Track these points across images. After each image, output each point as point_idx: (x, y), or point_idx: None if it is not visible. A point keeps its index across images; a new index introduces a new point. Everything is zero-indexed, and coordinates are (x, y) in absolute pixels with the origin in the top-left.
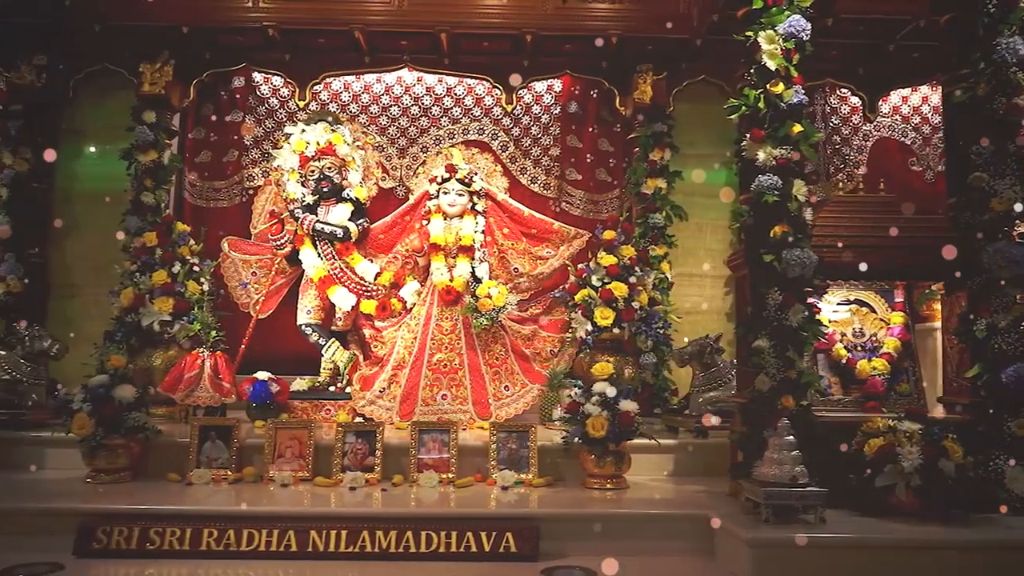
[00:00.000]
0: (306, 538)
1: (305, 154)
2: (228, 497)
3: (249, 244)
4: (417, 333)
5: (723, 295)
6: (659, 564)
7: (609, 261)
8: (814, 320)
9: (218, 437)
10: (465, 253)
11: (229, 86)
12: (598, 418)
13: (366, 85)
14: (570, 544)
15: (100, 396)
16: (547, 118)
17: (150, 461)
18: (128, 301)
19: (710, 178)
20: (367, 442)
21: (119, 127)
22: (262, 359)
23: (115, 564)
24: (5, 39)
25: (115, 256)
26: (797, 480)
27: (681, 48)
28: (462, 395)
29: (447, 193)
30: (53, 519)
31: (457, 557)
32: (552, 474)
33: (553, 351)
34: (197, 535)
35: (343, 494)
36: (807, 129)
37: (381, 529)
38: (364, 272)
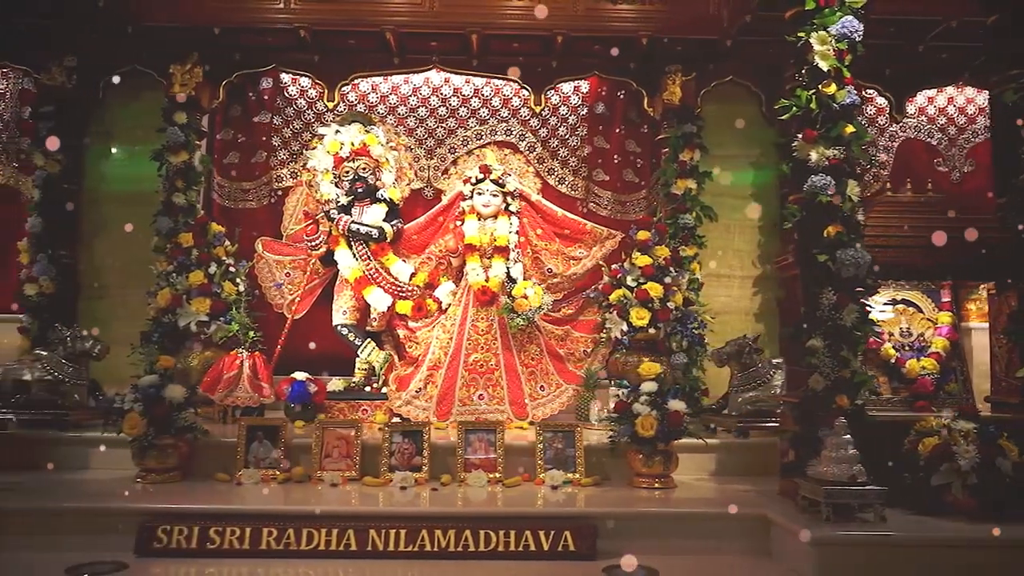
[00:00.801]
0: (365, 537)
1: (340, 155)
2: (281, 497)
3: (283, 245)
4: (453, 333)
5: (751, 295)
6: (715, 563)
7: (644, 262)
8: (867, 320)
9: (265, 437)
10: (500, 254)
11: (257, 87)
12: (647, 417)
13: (394, 86)
14: (626, 543)
15: (151, 396)
16: (574, 119)
17: (197, 461)
18: (165, 302)
19: (738, 179)
20: (414, 442)
21: (148, 128)
22: (295, 359)
23: (176, 563)
24: (36, 41)
25: (144, 257)
26: (856, 479)
27: (710, 49)
28: (499, 395)
29: (481, 194)
30: (112, 519)
31: (516, 556)
32: (598, 473)
33: (586, 351)
34: (257, 535)
35: (393, 494)
36: (859, 130)
37: (440, 528)
38: (399, 273)
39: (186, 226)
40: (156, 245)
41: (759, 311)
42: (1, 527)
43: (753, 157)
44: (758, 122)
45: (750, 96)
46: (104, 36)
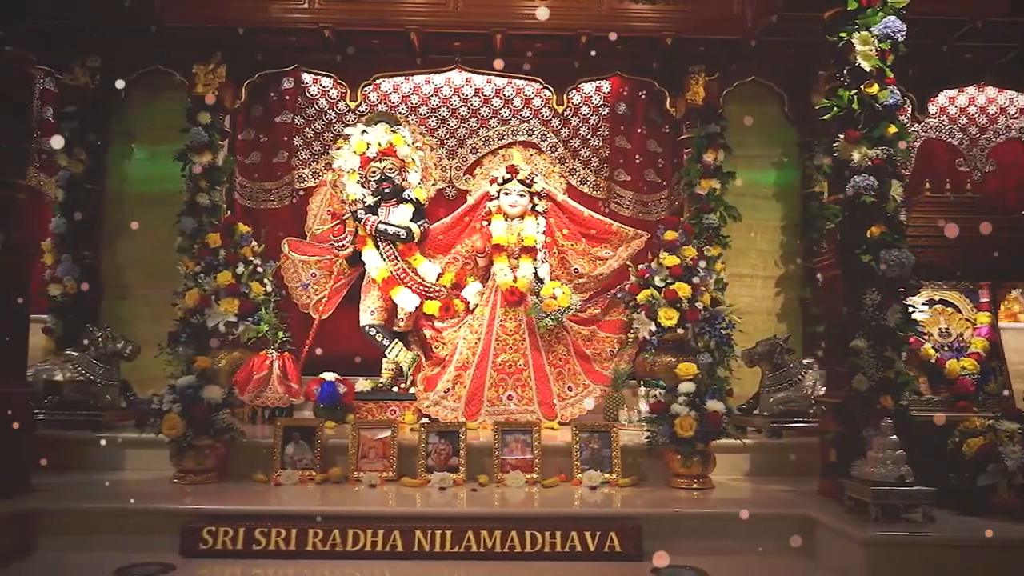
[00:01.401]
0: (411, 538)
1: (366, 155)
2: (322, 498)
3: (308, 245)
4: (481, 334)
5: (773, 295)
6: (761, 564)
7: (672, 262)
8: (911, 320)
9: (301, 438)
10: (528, 254)
11: (279, 87)
12: (686, 418)
13: (415, 86)
14: (670, 543)
15: (189, 397)
16: (596, 119)
17: (232, 462)
18: (193, 302)
19: (760, 179)
20: (450, 442)
21: (170, 128)
22: (321, 360)
23: (222, 564)
24: (59, 41)
25: (167, 257)
26: (904, 479)
27: (734, 49)
28: (528, 396)
29: (508, 194)
30: (157, 520)
31: (562, 557)
32: (634, 474)
33: (612, 351)
34: (302, 536)
35: (431, 494)
36: (901, 130)
37: (485, 529)
38: (426, 273)
39: (211, 226)
40: (180, 245)
41: (781, 311)
42: (47, 528)
43: (775, 157)
44: (780, 122)
45: (772, 96)
46: (127, 36)
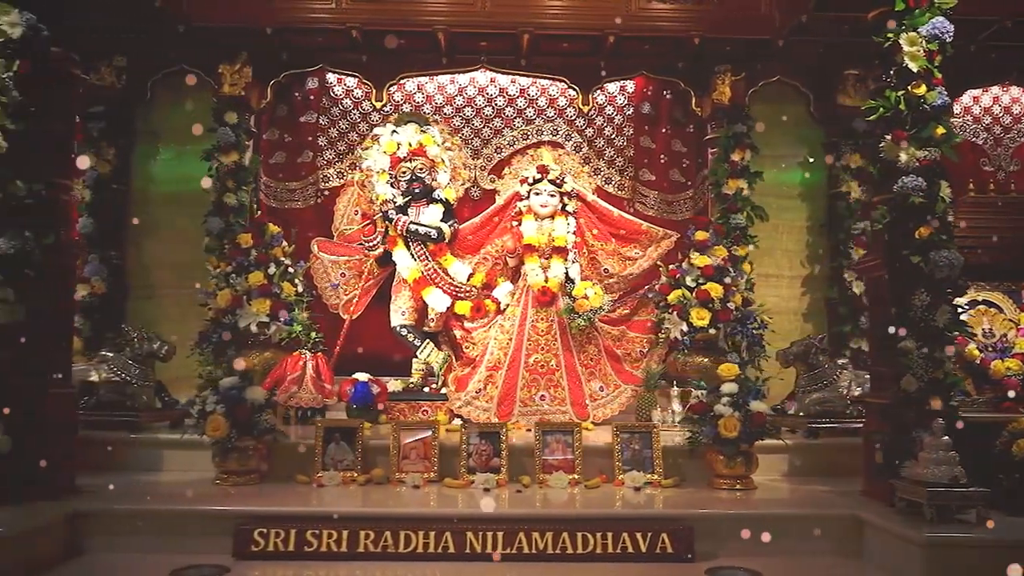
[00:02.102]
0: (463, 539)
1: (397, 155)
2: (367, 499)
3: (337, 245)
4: (512, 334)
5: (799, 295)
6: (812, 565)
7: (704, 262)
8: (959, 321)
9: (342, 439)
10: (559, 254)
11: (303, 87)
12: (730, 419)
13: (440, 86)
14: (720, 544)
15: (233, 398)
16: (620, 119)
17: (272, 462)
18: (225, 302)
19: (785, 179)
20: (491, 443)
21: (191, 128)
22: (350, 360)
23: (274, 566)
24: (86, 41)
25: (192, 257)
26: (958, 480)
27: (760, 49)
28: (560, 396)
29: (539, 194)
30: (208, 521)
31: (614, 558)
32: (675, 474)
33: (642, 352)
34: (354, 537)
35: (475, 495)
36: (949, 131)
37: (537, 530)
38: (456, 273)
39: (238, 226)
40: (208, 245)
41: (807, 311)
42: (94, 529)
43: (800, 157)
44: (805, 122)
45: (797, 96)
46: (153, 36)
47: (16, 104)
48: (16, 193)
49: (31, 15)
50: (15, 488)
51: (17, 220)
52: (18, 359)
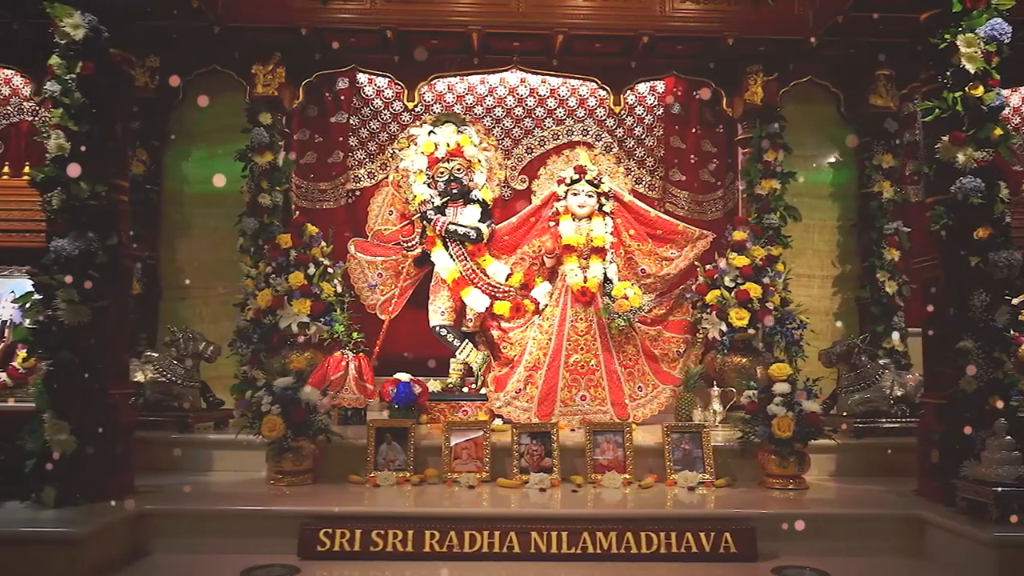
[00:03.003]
0: (528, 539)
1: (434, 155)
2: (423, 499)
3: (374, 246)
4: (552, 334)
5: (831, 295)
6: (872, 564)
7: (742, 262)
8: (1019, 321)
9: (393, 439)
10: (597, 254)
11: (333, 87)
12: (784, 419)
13: (470, 86)
14: (781, 544)
15: (288, 398)
16: (650, 119)
17: (323, 463)
18: (266, 303)
19: (815, 179)
20: (542, 443)
21: (228, 129)
22: (385, 360)
23: (341, 566)
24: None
25: (225, 258)
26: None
27: (792, 49)
28: (600, 396)
29: (577, 194)
30: (269, 521)
31: (678, 558)
32: (724, 474)
33: (679, 352)
34: (419, 537)
35: (530, 495)
36: (1007, 132)
37: (601, 530)
38: (495, 273)
39: (272, 227)
40: (243, 246)
41: (839, 311)
42: (157, 530)
43: (830, 157)
44: (835, 122)
45: (827, 96)
46: (186, 37)
47: (79, 106)
48: (79, 195)
49: (92, 16)
50: (81, 488)
51: (80, 221)
52: (84, 360)
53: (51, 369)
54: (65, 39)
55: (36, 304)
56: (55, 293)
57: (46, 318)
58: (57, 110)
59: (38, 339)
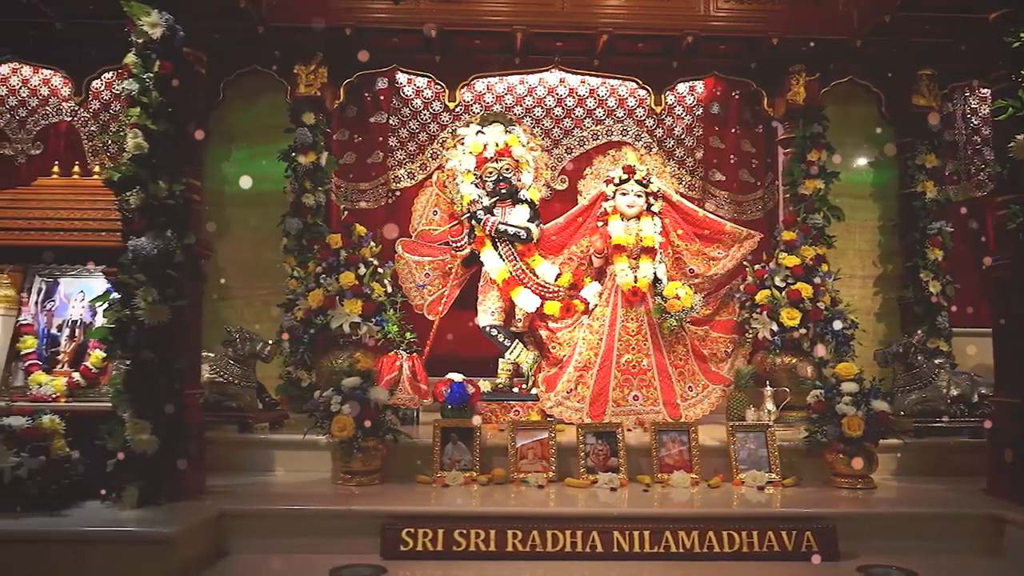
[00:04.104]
0: (610, 538)
1: (483, 155)
2: (493, 499)
3: (421, 246)
4: (602, 334)
5: (872, 295)
6: (953, 563)
7: (793, 262)
8: None
9: (459, 439)
10: (647, 254)
11: (373, 87)
12: (854, 418)
13: (509, 86)
14: (861, 544)
15: (358, 398)
16: (690, 119)
17: (388, 463)
18: (317, 303)
19: (857, 178)
20: (608, 443)
21: (268, 129)
22: (432, 361)
23: (424, 565)
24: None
25: (267, 258)
26: None
27: (835, 49)
28: (652, 396)
29: (626, 194)
30: (349, 521)
31: (760, 557)
32: (791, 473)
33: (726, 352)
34: (502, 536)
35: (599, 495)
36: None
37: (683, 530)
38: (544, 273)
39: (316, 227)
40: (287, 246)
41: (880, 311)
42: (234, 530)
43: (871, 157)
44: (876, 122)
45: (868, 96)
46: (228, 36)
47: (157, 105)
48: (158, 194)
49: (169, 15)
50: (162, 489)
51: (159, 221)
52: (163, 360)
53: (130, 369)
54: (142, 38)
55: (115, 304)
56: (134, 292)
57: (125, 318)
58: (134, 109)
59: (117, 339)
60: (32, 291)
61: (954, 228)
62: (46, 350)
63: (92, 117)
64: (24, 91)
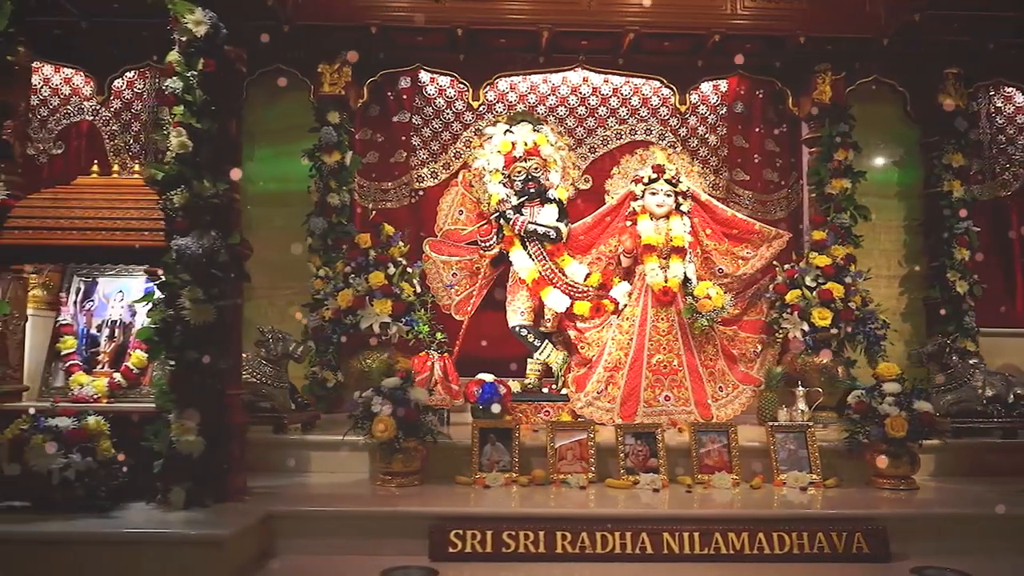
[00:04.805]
0: (659, 540)
1: (511, 154)
2: (534, 500)
3: (448, 245)
4: (632, 334)
5: (897, 295)
6: (1007, 567)
7: (823, 261)
8: None
9: (497, 439)
10: (677, 254)
11: (395, 87)
12: (897, 418)
13: (532, 85)
14: (910, 545)
15: (399, 399)
16: (714, 118)
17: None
18: (346, 303)
19: (881, 178)
20: (647, 444)
21: (291, 129)
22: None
23: (475, 567)
24: None
25: (290, 258)
26: None
27: (862, 48)
28: (684, 396)
29: (655, 193)
30: (395, 522)
31: (810, 558)
32: (831, 474)
33: (755, 352)
34: (551, 537)
35: (640, 495)
36: None
37: (733, 531)
38: (573, 273)
39: (340, 226)
40: (311, 245)
41: (906, 311)
42: (288, 530)
43: (897, 156)
44: (901, 121)
45: (893, 95)
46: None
47: (201, 103)
48: (202, 193)
49: (212, 12)
50: (208, 490)
51: (204, 220)
52: (209, 361)
53: (176, 369)
54: (186, 35)
55: (159, 304)
56: (179, 292)
57: (170, 318)
58: (178, 107)
59: (163, 339)
60: (70, 291)
61: (980, 227)
62: (86, 350)
63: (113, 116)
64: (45, 90)
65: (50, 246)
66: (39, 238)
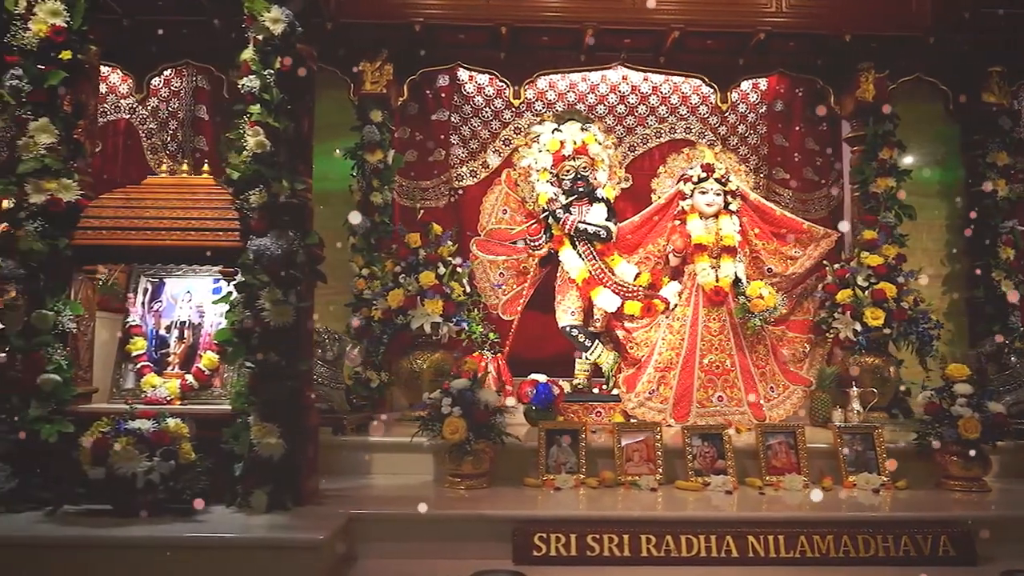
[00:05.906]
0: (744, 543)
1: (560, 153)
2: (604, 502)
3: (495, 245)
4: (684, 335)
5: (940, 294)
6: None
7: (875, 261)
8: None
9: (563, 441)
10: (728, 253)
11: (434, 85)
12: (970, 420)
13: (571, 84)
14: (997, 548)
15: (468, 400)
16: (753, 116)
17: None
18: (397, 303)
19: (923, 177)
20: (714, 445)
21: (330, 127)
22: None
23: (560, 571)
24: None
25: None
26: None
27: (906, 46)
28: (736, 396)
29: (704, 192)
30: (480, 525)
31: (897, 562)
32: (901, 476)
33: (804, 351)
34: (635, 541)
35: (711, 498)
36: None
37: (818, 534)
38: (623, 273)
39: (383, 225)
40: (355, 244)
41: (948, 310)
42: (368, 534)
43: (939, 155)
44: (943, 119)
45: (935, 93)
46: None
47: (279, 102)
48: (280, 193)
49: (288, 11)
50: (288, 493)
51: (281, 220)
52: (287, 362)
53: (254, 371)
54: (263, 33)
55: (237, 305)
56: (258, 294)
57: (248, 319)
58: (255, 106)
59: (241, 341)
60: (138, 292)
61: None
62: (155, 351)
63: (150, 115)
64: None
65: (124, 246)
66: (112, 239)
